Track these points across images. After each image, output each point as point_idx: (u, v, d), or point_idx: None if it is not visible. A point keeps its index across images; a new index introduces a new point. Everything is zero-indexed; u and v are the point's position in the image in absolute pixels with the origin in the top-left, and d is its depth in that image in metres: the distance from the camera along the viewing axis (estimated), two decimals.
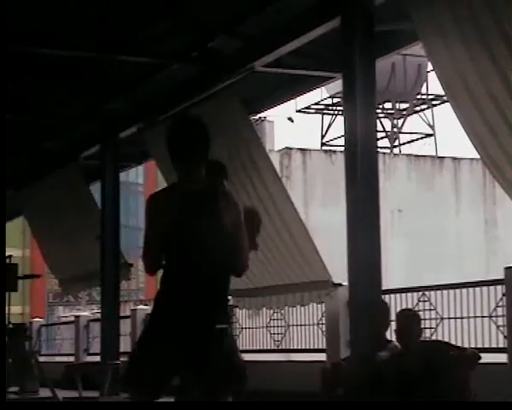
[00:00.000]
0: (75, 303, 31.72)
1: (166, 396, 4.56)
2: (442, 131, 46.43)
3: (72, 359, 17.77)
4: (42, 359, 15.81)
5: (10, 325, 14.28)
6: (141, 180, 40.79)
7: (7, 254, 18.00)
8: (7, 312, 14.72)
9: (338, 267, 9.29)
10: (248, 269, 4.70)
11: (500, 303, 8.62)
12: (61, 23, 9.98)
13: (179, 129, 4.80)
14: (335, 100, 28.82)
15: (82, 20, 9.95)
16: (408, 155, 26.32)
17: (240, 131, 10.85)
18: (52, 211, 16.20)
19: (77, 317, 18.73)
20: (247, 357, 5.00)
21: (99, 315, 15.31)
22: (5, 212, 6.69)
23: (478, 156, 7.90)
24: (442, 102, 29.13)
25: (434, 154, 28.52)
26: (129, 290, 33.14)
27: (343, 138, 8.83)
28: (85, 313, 20.17)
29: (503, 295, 8.51)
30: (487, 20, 7.38)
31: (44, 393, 12.94)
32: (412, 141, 31.30)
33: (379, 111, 28.32)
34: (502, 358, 8.35)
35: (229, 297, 4.80)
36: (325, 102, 29.83)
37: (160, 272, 4.54)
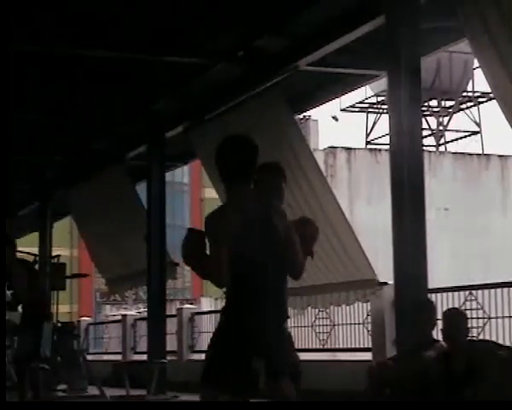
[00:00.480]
0: (122, 302, 31.95)
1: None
2: (488, 128, 45.87)
3: (119, 357, 17.91)
4: (90, 357, 15.95)
5: (59, 324, 14.45)
6: (186, 180, 40.95)
7: (55, 253, 18.28)
8: (55, 311, 14.92)
9: (383, 266, 9.24)
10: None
11: None
12: (108, 24, 10.06)
13: (227, 148, 4.99)
14: (380, 98, 28.69)
15: (129, 22, 10.03)
16: (454, 152, 26.12)
17: (285, 130, 10.85)
18: (99, 211, 16.33)
19: (124, 316, 18.89)
20: None
21: (145, 314, 15.42)
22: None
23: None
24: (488, 100, 28.86)
25: (481, 151, 28.26)
26: (175, 289, 33.32)
27: (388, 137, 8.79)
28: (132, 312, 20.34)
29: None
30: None
31: (92, 391, 13.05)
32: (458, 139, 31.06)
33: (424, 109, 28.13)
34: None
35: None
36: (370, 100, 29.72)
37: None
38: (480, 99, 29.82)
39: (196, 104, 12.57)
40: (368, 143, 30.39)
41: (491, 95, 21.68)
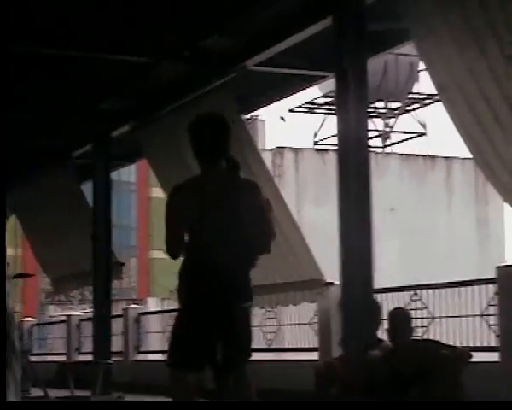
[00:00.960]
0: (67, 303, 31.66)
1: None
2: (434, 130, 46.40)
3: (63, 358, 17.75)
4: (33, 358, 15.78)
5: None
6: (133, 179, 40.72)
7: None
8: None
9: (331, 266, 9.30)
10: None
11: (492, 302, 8.64)
12: (53, 22, 9.96)
13: (200, 126, 5.22)
14: (328, 99, 28.83)
15: (74, 20, 9.94)
16: (400, 154, 26.40)
17: (232, 130, 10.84)
18: (44, 210, 16.17)
19: (69, 316, 18.72)
20: None
21: (91, 314, 15.30)
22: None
23: (470, 156, 7.92)
24: (434, 102, 29.17)
25: (426, 153, 28.55)
26: (121, 289, 33.09)
27: (335, 137, 8.84)
28: (77, 313, 20.14)
29: (495, 294, 8.53)
30: (479, 19, 7.40)
31: (36, 393, 12.92)
32: (404, 140, 31.34)
33: (371, 110, 28.33)
34: (494, 357, 8.37)
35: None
36: (317, 101, 29.86)
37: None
38: (426, 101, 30.14)
39: (143, 103, 12.51)
40: (315, 143, 30.53)
41: (437, 97, 21.91)
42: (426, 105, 30.38)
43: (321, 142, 30.57)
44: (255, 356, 5.70)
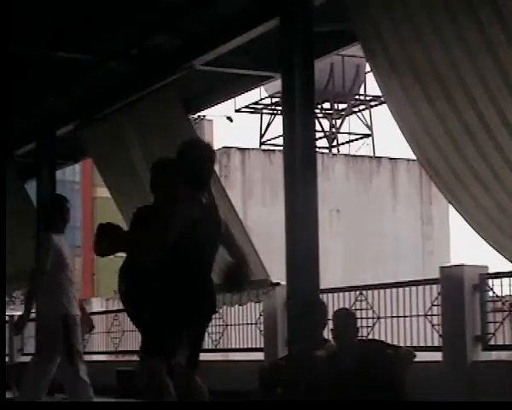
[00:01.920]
0: (9, 303, 31.21)
1: None
2: (380, 131, 46.83)
3: (6, 359, 17.51)
4: None
5: None
6: (78, 178, 40.38)
7: None
8: None
9: (277, 267, 9.32)
10: None
11: (435, 302, 8.73)
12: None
13: (195, 155, 5.31)
14: (274, 99, 28.90)
15: (19, 17, 9.82)
16: (346, 155, 26.59)
17: (178, 130, 10.81)
18: None
19: (11, 316, 18.45)
20: None
21: (34, 315, 15.11)
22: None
23: (414, 157, 8.00)
24: (380, 103, 29.39)
25: (372, 154, 28.77)
26: None
27: (282, 138, 8.86)
28: (20, 313, 19.87)
29: (439, 294, 8.62)
30: (423, 20, 7.48)
31: None
32: (350, 141, 31.53)
33: (317, 111, 28.47)
34: (437, 356, 8.46)
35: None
36: (264, 101, 29.90)
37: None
38: (372, 103, 30.36)
39: (88, 102, 12.42)
40: (262, 143, 30.56)
41: (383, 99, 22.06)
42: (372, 107, 30.60)
43: (268, 142, 30.62)
44: (202, 356, 5.71)
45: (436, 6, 7.35)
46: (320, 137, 29.88)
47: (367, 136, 31.40)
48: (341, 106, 30.29)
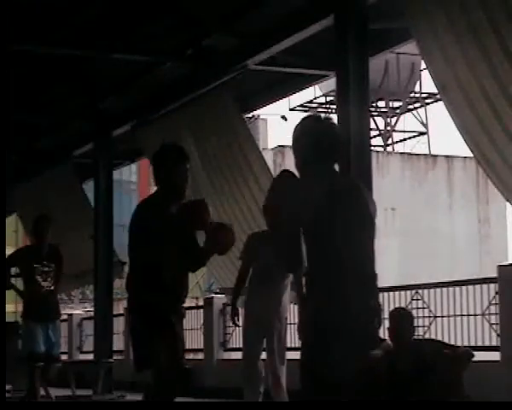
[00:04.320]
0: (68, 301, 31.63)
1: None
2: (435, 129, 46.45)
3: (65, 357, 17.73)
4: None
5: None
6: (134, 178, 40.73)
7: None
8: None
9: None
10: None
11: (493, 301, 8.63)
12: (55, 21, 9.96)
13: (324, 130, 4.40)
14: (329, 98, 28.83)
15: (76, 19, 9.94)
16: (401, 153, 26.40)
17: (233, 130, 10.84)
18: (45, 209, 16.13)
19: (70, 315, 18.69)
20: None
21: (92, 313, 15.29)
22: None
23: (471, 154, 7.91)
24: (435, 101, 29.17)
25: (428, 152, 28.55)
26: (122, 289, 33.10)
27: None
28: (79, 311, 20.11)
29: (496, 293, 8.52)
30: (480, 18, 7.39)
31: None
32: (405, 139, 31.34)
33: (372, 109, 28.32)
34: (495, 356, 8.36)
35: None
36: (318, 100, 29.85)
37: None
38: (427, 100, 30.13)
39: (144, 103, 12.51)
40: None
41: (439, 96, 21.86)
42: (427, 104, 30.37)
43: None
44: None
45: (493, 2, 7.27)
46: (375, 136, 29.74)
47: (422, 134, 31.17)
48: (396, 104, 30.10)
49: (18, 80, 11.91)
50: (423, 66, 23.87)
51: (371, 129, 23.46)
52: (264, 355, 7.46)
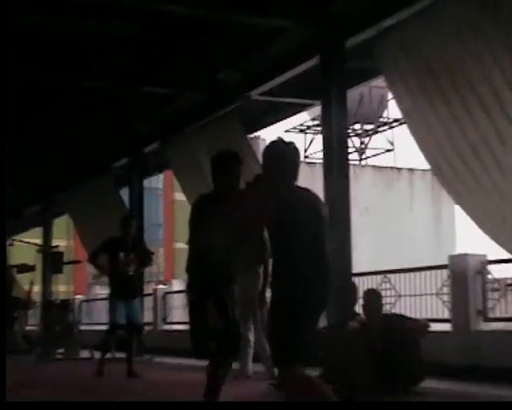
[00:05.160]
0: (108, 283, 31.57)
1: None
2: (400, 147, 46.65)
3: (106, 327, 17.66)
4: (83, 327, 15.75)
5: (58, 301, 14.25)
6: (160, 185, 40.70)
7: (55, 244, 17.97)
8: (55, 290, 14.70)
9: None
10: None
11: (445, 283, 8.62)
12: (101, 61, 9.96)
13: (287, 153, 4.23)
14: (316, 122, 28.78)
15: (118, 59, 9.94)
16: (373, 166, 26.32)
17: (239, 147, 10.82)
18: (90, 210, 16.18)
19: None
20: None
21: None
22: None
23: (428, 167, 7.91)
24: (400, 124, 29.08)
25: (394, 165, 28.48)
26: (151, 273, 33.07)
27: (322, 153, 8.83)
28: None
29: (448, 277, 8.52)
30: (435, 57, 7.41)
31: (84, 354, 12.90)
32: (376, 155, 31.27)
33: (350, 131, 28.27)
34: (446, 327, 8.35)
35: None
36: (307, 123, 29.79)
37: None
38: (393, 124, 30.07)
39: (169, 126, 12.53)
40: (306, 157, 30.46)
41: (402, 120, 21.84)
42: (393, 127, 30.31)
43: (310, 156, 30.51)
44: None
45: (444, 45, 7.27)
46: (352, 152, 29.65)
47: (389, 150, 31.09)
48: (368, 127, 30.05)
49: (69, 107, 11.94)
50: (390, 96, 23.86)
51: (349, 147, 23.45)
52: None
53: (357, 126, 29.87)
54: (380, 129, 30.68)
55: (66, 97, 11.36)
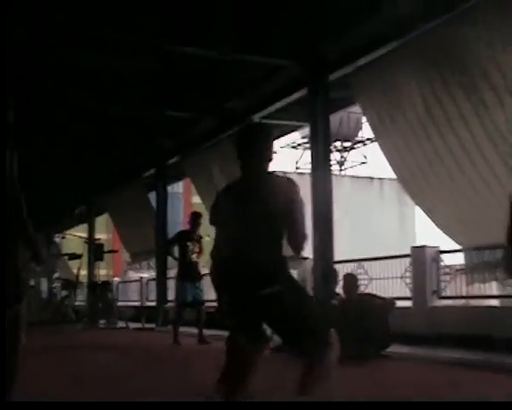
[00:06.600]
0: (140, 268, 31.58)
1: None
2: (372, 160, 46.64)
3: (138, 303, 17.68)
4: (119, 303, 15.76)
5: (100, 282, 14.27)
6: (181, 190, 40.70)
7: (97, 237, 17.93)
8: (98, 273, 14.72)
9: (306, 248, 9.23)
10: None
11: (408, 269, 8.63)
12: (129, 88, 9.94)
13: (245, 133, 3.49)
14: (305, 140, 28.75)
15: (147, 86, 9.92)
16: (351, 176, 26.33)
17: None
18: (126, 209, 16.20)
19: (141, 277, 18.65)
20: None
21: (154, 276, 15.29)
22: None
23: (395, 177, 7.93)
24: (372, 142, 29.07)
25: (368, 175, 28.48)
26: (173, 261, 32.98)
27: (310, 165, 8.84)
28: (146, 275, 20.07)
29: (410, 264, 8.52)
30: (399, 88, 7.41)
31: (121, 324, 12.91)
32: (353, 166, 31.25)
33: (332, 147, 28.24)
34: (409, 304, 8.35)
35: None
36: (298, 141, 29.79)
37: None
38: (366, 142, 30.08)
39: (187, 144, 12.55)
40: (297, 168, 30.45)
41: (374, 139, 21.78)
42: (367, 144, 30.30)
43: (301, 168, 30.49)
44: None
45: (406, 78, 7.28)
46: (334, 164, 29.63)
47: (364, 163, 31.10)
48: (347, 144, 30.04)
49: (114, 131, 11.94)
50: (364, 119, 23.85)
51: (331, 160, 23.43)
52: None
53: (337, 143, 29.87)
54: (356, 146, 30.68)
55: (109, 121, 11.41)
